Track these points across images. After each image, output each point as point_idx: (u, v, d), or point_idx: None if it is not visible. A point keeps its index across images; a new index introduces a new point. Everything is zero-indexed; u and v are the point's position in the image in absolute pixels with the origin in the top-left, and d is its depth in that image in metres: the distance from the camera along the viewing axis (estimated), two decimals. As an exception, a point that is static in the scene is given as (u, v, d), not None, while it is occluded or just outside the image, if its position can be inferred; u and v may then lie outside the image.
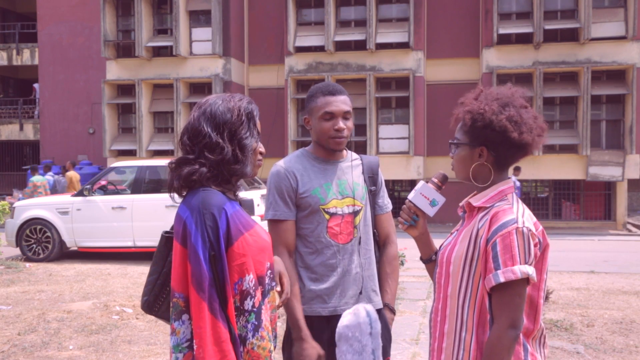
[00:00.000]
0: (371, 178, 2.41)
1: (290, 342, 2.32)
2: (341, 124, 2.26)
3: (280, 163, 2.35)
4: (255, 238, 1.76)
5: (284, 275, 1.92)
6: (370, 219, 2.38)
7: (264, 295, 1.76)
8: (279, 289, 1.89)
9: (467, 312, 1.77)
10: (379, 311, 2.34)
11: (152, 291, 1.87)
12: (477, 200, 1.84)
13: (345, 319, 2.07)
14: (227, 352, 1.64)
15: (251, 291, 1.72)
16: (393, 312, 2.43)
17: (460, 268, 1.79)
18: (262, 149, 1.89)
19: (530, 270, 1.68)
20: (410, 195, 1.95)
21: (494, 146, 1.80)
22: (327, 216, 2.28)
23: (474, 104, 1.82)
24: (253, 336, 1.71)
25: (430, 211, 1.94)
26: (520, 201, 1.83)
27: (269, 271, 1.82)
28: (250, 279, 1.72)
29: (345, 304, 2.27)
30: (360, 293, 2.31)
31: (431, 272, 2.02)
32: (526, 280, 1.69)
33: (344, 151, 2.41)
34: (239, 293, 1.71)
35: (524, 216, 1.74)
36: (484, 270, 1.74)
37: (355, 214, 2.31)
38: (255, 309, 1.72)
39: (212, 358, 1.62)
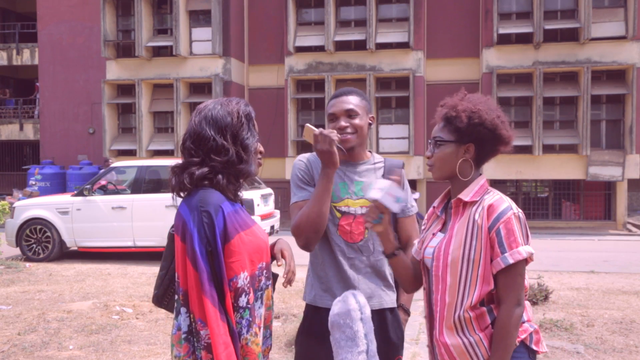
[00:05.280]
0: None
1: (302, 336, 2.36)
2: (342, 122, 2.31)
3: (300, 156, 2.43)
4: (251, 238, 1.83)
5: (285, 250, 1.99)
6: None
7: (255, 293, 1.83)
8: (281, 262, 1.97)
9: (468, 297, 1.90)
10: (391, 310, 2.37)
11: (161, 285, 1.99)
12: (466, 196, 1.97)
13: (336, 307, 2.13)
14: (227, 344, 1.71)
15: (246, 288, 1.79)
16: (407, 313, 2.46)
17: (459, 259, 1.91)
18: (261, 148, 1.98)
19: (531, 249, 1.89)
20: (377, 195, 2.02)
21: (482, 142, 1.97)
22: (338, 214, 2.31)
23: (465, 104, 1.98)
24: (247, 332, 1.78)
25: (396, 208, 2.04)
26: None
27: (264, 271, 1.89)
28: (245, 277, 1.79)
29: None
30: (371, 291, 2.33)
31: (396, 268, 2.13)
32: (525, 260, 1.88)
33: (368, 153, 2.46)
34: (234, 290, 1.78)
35: (513, 203, 1.94)
36: (488, 255, 1.89)
37: None
38: (249, 306, 1.79)
39: (217, 349, 1.69)
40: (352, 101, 2.33)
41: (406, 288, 2.19)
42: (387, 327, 2.31)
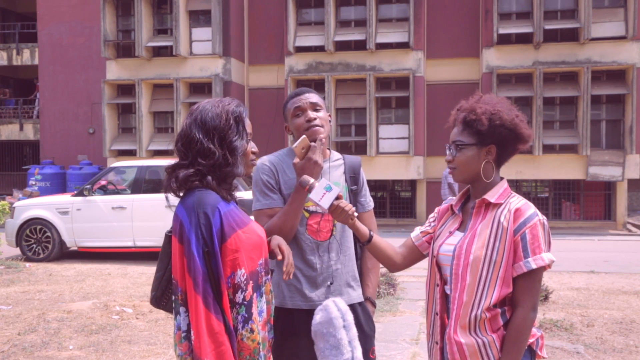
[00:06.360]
0: (352, 177, 2.50)
1: (277, 342, 2.36)
2: (311, 114, 2.36)
3: (264, 158, 2.45)
4: (248, 235, 1.86)
5: (282, 245, 2.02)
6: None
7: (254, 289, 1.85)
8: (280, 257, 1.99)
9: (486, 297, 1.91)
10: (360, 304, 2.44)
11: (158, 287, 2.00)
12: (492, 197, 1.99)
13: (317, 316, 2.14)
14: (221, 343, 1.74)
15: (242, 285, 1.82)
16: (374, 304, 2.55)
17: (481, 259, 1.93)
18: (254, 149, 1.99)
19: (552, 257, 1.91)
20: (327, 199, 2.06)
21: (503, 143, 1.99)
22: (306, 214, 2.36)
23: (484, 106, 1.99)
24: (243, 328, 1.81)
25: (336, 190, 2.11)
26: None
27: (263, 267, 1.91)
28: (242, 274, 1.82)
29: (325, 298, 2.32)
30: (340, 288, 2.39)
31: (375, 251, 2.17)
32: (543, 267, 1.89)
33: (327, 151, 2.49)
34: (232, 286, 1.82)
35: (537, 210, 1.96)
36: (510, 258, 1.91)
37: None
38: (245, 302, 1.82)
39: (206, 348, 1.73)
40: (314, 98, 2.41)
41: (390, 268, 2.22)
42: (360, 320, 2.37)
